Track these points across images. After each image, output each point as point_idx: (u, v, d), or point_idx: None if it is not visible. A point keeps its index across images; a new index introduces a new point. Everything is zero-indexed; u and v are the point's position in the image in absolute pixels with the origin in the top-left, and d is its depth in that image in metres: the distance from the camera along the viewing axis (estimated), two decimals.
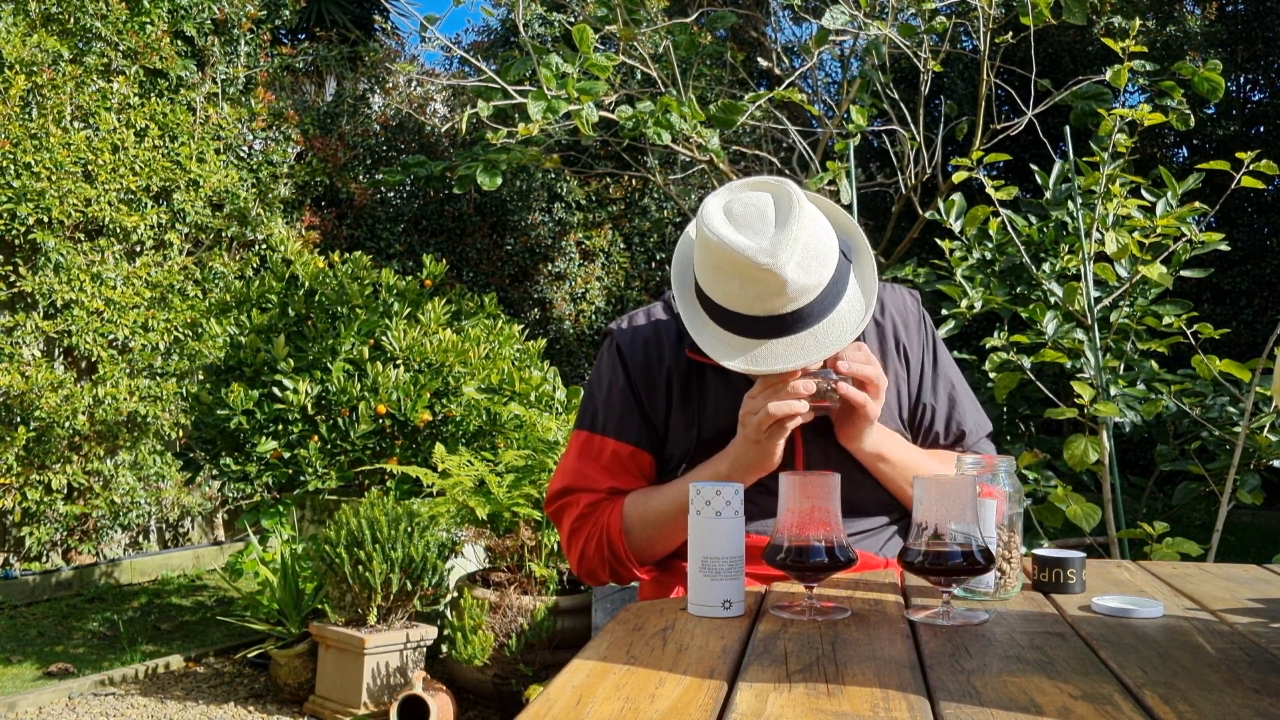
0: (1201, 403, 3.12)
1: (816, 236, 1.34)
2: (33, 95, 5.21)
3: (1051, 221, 3.48)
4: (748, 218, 1.34)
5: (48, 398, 5.06)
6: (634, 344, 1.54)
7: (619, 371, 1.53)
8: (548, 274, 7.79)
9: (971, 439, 1.60)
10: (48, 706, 3.65)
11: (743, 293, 1.32)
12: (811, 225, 1.33)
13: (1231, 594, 1.32)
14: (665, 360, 1.51)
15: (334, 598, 3.60)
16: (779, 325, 1.33)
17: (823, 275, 1.34)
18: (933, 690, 0.90)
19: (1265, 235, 8.24)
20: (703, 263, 1.37)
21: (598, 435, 1.53)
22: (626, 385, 1.52)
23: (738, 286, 1.32)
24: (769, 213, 1.34)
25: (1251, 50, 8.44)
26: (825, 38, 4.06)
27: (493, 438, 4.30)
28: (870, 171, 7.29)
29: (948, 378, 1.60)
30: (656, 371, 1.51)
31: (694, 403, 1.50)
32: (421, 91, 7.97)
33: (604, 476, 1.52)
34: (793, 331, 1.34)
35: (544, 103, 3.22)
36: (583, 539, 1.52)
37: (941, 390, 1.59)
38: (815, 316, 1.34)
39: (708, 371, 1.50)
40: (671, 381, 1.51)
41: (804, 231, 1.32)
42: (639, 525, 1.48)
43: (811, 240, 1.33)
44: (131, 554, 5.81)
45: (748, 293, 1.32)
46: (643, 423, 1.51)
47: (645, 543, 1.49)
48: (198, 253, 6.07)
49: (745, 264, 1.29)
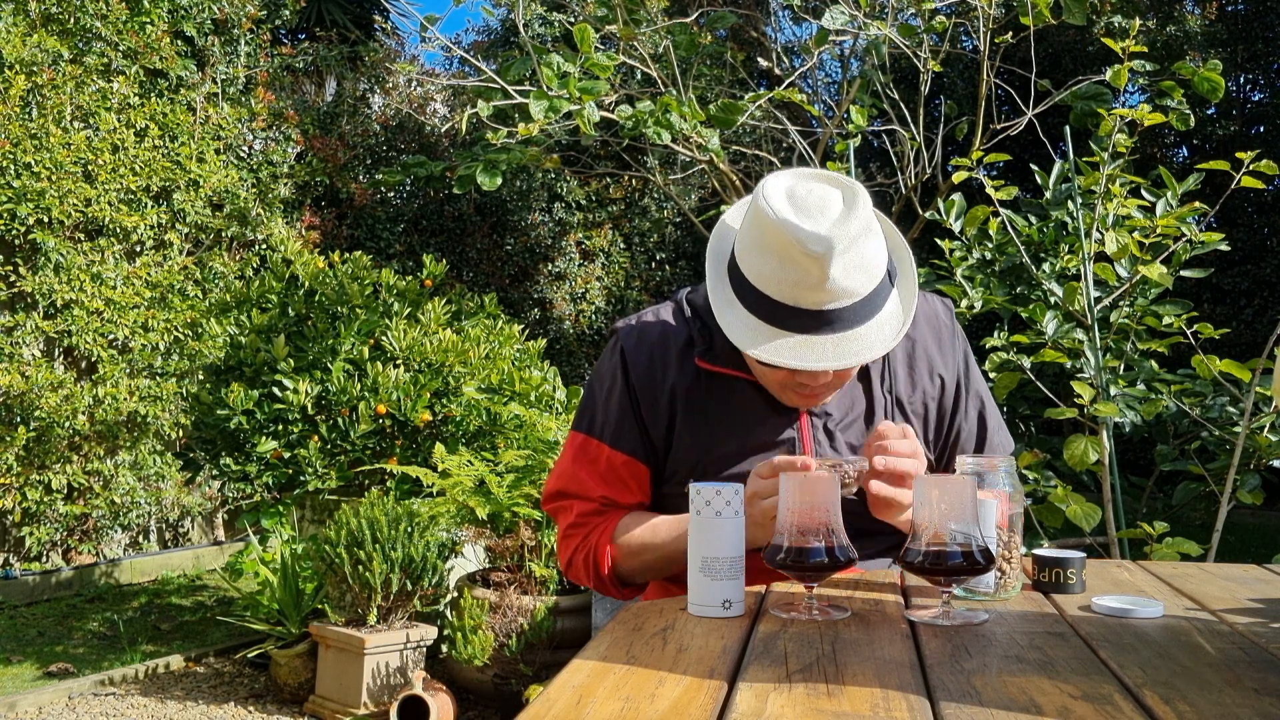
0: (1201, 403, 3.12)
1: (870, 246, 1.30)
2: (33, 95, 5.21)
3: (1051, 221, 3.48)
4: (809, 205, 1.30)
5: (48, 398, 5.06)
6: (639, 349, 1.48)
7: (620, 377, 1.48)
8: (548, 274, 7.79)
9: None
10: (48, 706, 3.65)
11: (781, 276, 1.28)
12: (868, 233, 1.30)
13: (1231, 594, 1.32)
14: (670, 373, 1.45)
15: (334, 598, 3.60)
16: (806, 321, 1.29)
17: (865, 286, 1.29)
18: (933, 690, 0.90)
19: (1265, 235, 8.24)
20: (748, 237, 1.33)
21: (594, 440, 1.49)
22: (626, 392, 1.47)
23: (777, 266, 1.28)
24: (832, 207, 1.30)
25: (1251, 50, 8.44)
26: (825, 38, 4.06)
27: (493, 438, 4.30)
28: (870, 171, 7.29)
29: (978, 395, 1.55)
30: (660, 385, 1.45)
31: (700, 417, 1.45)
32: (421, 91, 7.97)
33: (598, 484, 1.49)
34: (818, 331, 1.29)
35: (545, 102, 3.22)
36: (571, 549, 1.52)
37: (972, 411, 1.53)
38: (844, 324, 1.29)
39: (716, 385, 1.44)
40: (675, 397, 1.45)
41: (860, 236, 1.28)
42: (627, 557, 1.46)
43: (865, 247, 1.29)
44: (131, 554, 5.81)
45: (787, 277, 1.28)
46: (640, 434, 1.47)
47: (631, 574, 1.48)
48: (198, 253, 6.07)
49: (793, 246, 1.25)
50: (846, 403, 1.46)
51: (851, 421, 1.46)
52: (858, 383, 1.47)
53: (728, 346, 1.40)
